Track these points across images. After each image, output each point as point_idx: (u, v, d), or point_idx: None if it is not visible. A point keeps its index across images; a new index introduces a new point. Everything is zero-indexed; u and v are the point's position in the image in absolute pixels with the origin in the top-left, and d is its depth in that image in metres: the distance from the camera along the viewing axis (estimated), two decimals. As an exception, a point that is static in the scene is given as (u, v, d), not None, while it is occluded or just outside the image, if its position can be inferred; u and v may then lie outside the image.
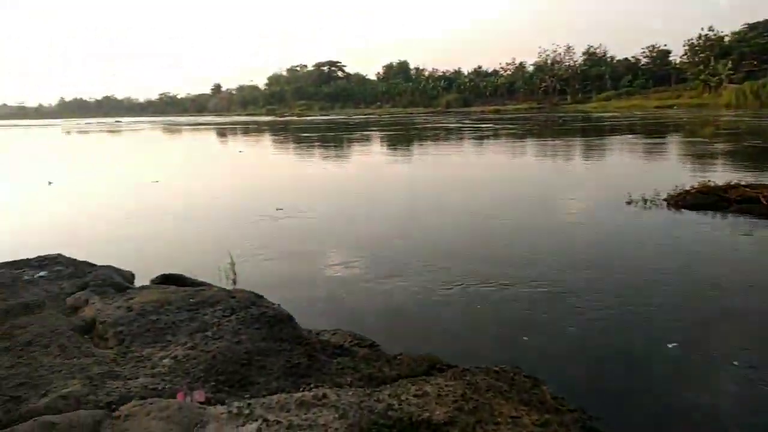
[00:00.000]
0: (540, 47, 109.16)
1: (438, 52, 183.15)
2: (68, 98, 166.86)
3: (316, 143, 24.98)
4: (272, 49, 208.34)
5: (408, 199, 9.55)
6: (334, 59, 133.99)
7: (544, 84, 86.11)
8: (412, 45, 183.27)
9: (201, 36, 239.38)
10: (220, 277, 5.11)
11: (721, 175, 9.62)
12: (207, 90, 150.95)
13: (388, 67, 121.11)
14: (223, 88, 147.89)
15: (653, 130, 25.97)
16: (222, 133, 38.73)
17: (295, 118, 75.85)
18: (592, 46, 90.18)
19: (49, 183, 12.17)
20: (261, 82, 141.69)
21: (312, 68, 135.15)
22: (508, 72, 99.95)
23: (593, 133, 25.84)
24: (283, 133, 35.40)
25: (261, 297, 3.78)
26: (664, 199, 7.94)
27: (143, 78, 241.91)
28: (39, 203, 10.02)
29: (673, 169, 12.06)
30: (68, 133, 48.13)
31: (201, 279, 4.99)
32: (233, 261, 5.34)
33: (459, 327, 3.95)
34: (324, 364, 3.00)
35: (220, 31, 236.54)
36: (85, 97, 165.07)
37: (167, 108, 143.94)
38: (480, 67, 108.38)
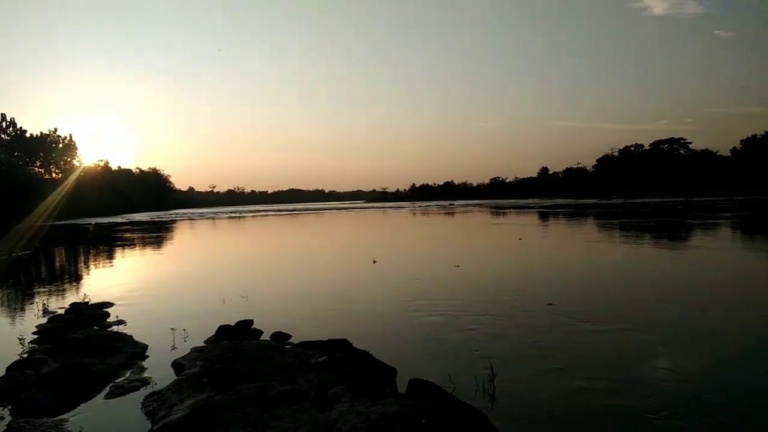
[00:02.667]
0: None
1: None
2: (417, 184, 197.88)
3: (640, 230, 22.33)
4: (603, 133, 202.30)
5: None
6: (678, 137, 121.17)
7: None
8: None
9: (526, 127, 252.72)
10: (476, 389, 4.79)
11: None
12: (534, 174, 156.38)
13: (750, 141, 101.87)
14: (550, 171, 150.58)
15: None
16: (539, 215, 38.95)
17: (622, 200, 70.53)
18: None
19: (374, 261, 14.18)
20: (590, 165, 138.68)
21: (648, 147, 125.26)
22: None
23: None
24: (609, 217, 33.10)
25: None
26: None
27: (478, 165, 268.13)
28: (360, 282, 11.62)
29: None
30: (414, 214, 56.49)
31: (462, 388, 4.81)
32: (493, 370, 4.94)
33: None
34: None
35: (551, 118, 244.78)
36: (430, 183, 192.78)
37: (496, 191, 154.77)
38: None
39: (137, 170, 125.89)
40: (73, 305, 8.95)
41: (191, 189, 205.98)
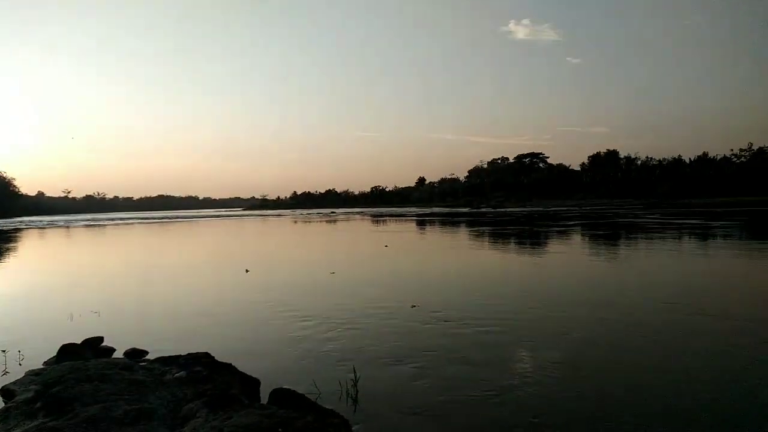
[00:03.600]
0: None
1: (652, 139, 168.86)
2: (299, 192, 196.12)
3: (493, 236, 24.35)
4: (475, 146, 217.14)
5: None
6: (537, 151, 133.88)
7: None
8: (619, 132, 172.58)
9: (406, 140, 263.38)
10: (340, 394, 4.84)
11: None
12: (412, 183, 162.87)
13: (595, 157, 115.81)
14: (427, 181, 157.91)
15: None
16: (416, 222, 40.69)
17: (490, 209, 76.09)
18: None
19: (246, 271, 13.76)
20: (462, 175, 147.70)
21: (513, 160, 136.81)
22: (744, 158, 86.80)
23: None
24: (457, 224, 35.58)
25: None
26: None
27: (359, 174, 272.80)
28: (230, 293, 11.21)
29: None
30: (295, 222, 55.71)
31: (327, 394, 4.82)
32: (356, 374, 5.04)
33: None
34: None
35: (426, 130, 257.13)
36: (312, 191, 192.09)
37: (376, 200, 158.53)
38: (705, 154, 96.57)
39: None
40: None
41: (41, 194, 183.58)
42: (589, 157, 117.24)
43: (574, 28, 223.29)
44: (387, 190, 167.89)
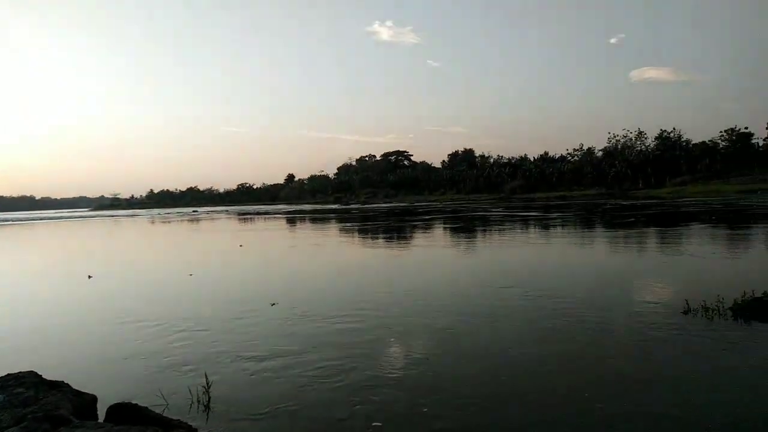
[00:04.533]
0: (610, 133, 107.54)
1: (504, 139, 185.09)
2: (156, 190, 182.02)
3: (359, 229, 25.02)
4: (344, 144, 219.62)
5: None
6: (403, 149, 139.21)
7: (613, 169, 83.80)
8: (476, 132, 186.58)
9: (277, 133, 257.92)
10: (190, 402, 4.62)
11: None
12: (281, 180, 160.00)
13: (453, 155, 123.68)
14: (296, 178, 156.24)
15: (732, 218, 23.84)
16: (271, 219, 40.08)
17: (359, 205, 77.68)
18: (665, 131, 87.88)
19: (89, 277, 12.50)
20: (331, 172, 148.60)
21: (380, 158, 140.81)
22: (576, 158, 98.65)
23: (654, 221, 24.06)
24: (328, 220, 36.05)
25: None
26: (730, 308, 6.78)
27: (225, 171, 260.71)
28: (66, 302, 10.07)
29: (750, 267, 10.60)
30: (152, 222, 51.57)
31: (176, 404, 4.56)
32: (208, 379, 4.84)
33: None
34: None
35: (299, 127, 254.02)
36: (171, 189, 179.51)
37: (243, 197, 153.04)
38: (546, 153, 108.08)
39: None
40: None
41: None
42: (448, 155, 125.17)
43: (434, 32, 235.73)
44: (255, 187, 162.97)
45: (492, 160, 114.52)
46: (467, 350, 5.80)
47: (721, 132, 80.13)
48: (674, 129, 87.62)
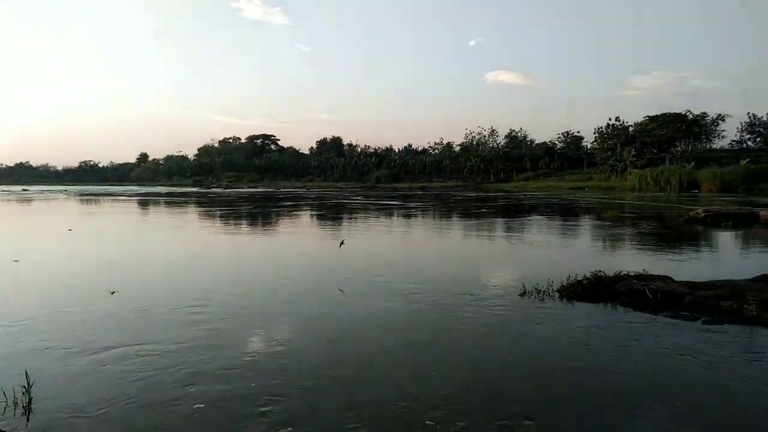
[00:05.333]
0: (466, 129, 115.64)
1: (371, 129, 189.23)
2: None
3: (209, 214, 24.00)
4: (205, 124, 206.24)
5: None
6: (270, 133, 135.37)
7: (469, 163, 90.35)
8: (345, 121, 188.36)
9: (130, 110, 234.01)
10: (5, 406, 4.04)
11: (620, 260, 9.66)
12: (133, 159, 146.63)
13: (322, 142, 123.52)
14: (151, 158, 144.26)
15: (562, 211, 27.09)
16: (118, 202, 36.70)
17: (221, 189, 74.14)
18: (513, 130, 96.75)
19: None
20: (191, 153, 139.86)
21: (245, 141, 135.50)
22: (437, 151, 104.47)
23: (501, 212, 26.55)
24: (185, 203, 34.01)
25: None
26: (557, 290, 7.68)
27: (62, 147, 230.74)
28: None
29: (574, 255, 12.12)
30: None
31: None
32: (29, 378, 4.25)
33: None
34: None
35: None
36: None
37: (86, 176, 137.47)
38: (410, 145, 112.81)
39: None
40: None
41: None
42: (317, 142, 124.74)
43: (305, 15, 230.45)
44: (101, 165, 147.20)
45: (359, 149, 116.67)
46: (322, 338, 5.84)
47: (558, 134, 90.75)
48: (521, 129, 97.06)
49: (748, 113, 76.11)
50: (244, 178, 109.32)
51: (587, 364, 4.90)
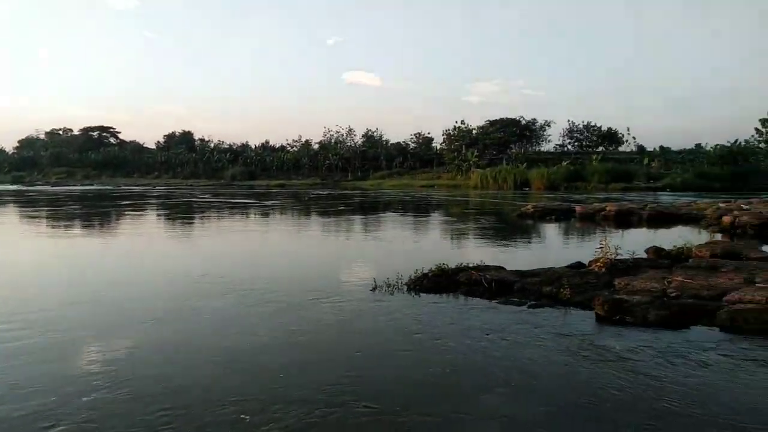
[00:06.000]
0: (325, 127, 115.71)
1: (226, 124, 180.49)
2: None
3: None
4: (27, 113, 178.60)
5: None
6: (108, 125, 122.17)
7: (327, 161, 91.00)
8: (196, 115, 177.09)
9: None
10: None
11: (462, 252, 10.47)
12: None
13: (170, 137, 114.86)
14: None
15: (413, 208, 28.64)
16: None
17: (47, 187, 65.13)
18: (370, 130, 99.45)
19: None
20: (10, 145, 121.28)
21: (78, 133, 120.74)
22: (295, 148, 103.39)
23: (357, 210, 27.29)
24: None
25: None
26: (406, 284, 8.08)
27: None
28: None
29: (423, 249, 12.86)
30: None
31: None
32: None
33: None
34: None
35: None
36: None
37: None
38: (267, 142, 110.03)
39: None
40: None
41: None
42: (164, 136, 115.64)
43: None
44: None
45: (213, 145, 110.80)
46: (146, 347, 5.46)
47: (411, 135, 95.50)
48: (377, 129, 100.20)
49: (568, 120, 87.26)
50: (77, 174, 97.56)
51: (415, 348, 5.28)
